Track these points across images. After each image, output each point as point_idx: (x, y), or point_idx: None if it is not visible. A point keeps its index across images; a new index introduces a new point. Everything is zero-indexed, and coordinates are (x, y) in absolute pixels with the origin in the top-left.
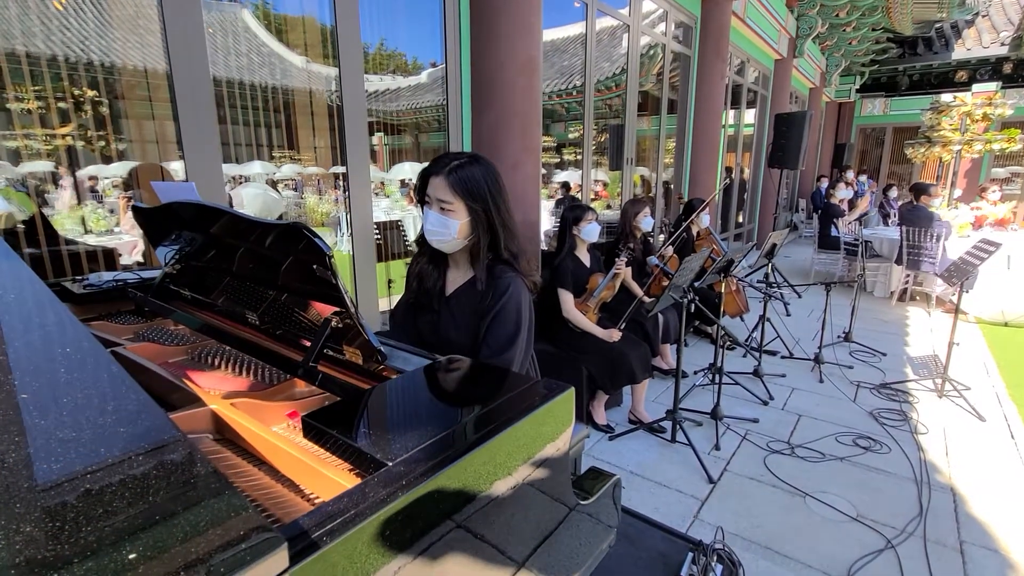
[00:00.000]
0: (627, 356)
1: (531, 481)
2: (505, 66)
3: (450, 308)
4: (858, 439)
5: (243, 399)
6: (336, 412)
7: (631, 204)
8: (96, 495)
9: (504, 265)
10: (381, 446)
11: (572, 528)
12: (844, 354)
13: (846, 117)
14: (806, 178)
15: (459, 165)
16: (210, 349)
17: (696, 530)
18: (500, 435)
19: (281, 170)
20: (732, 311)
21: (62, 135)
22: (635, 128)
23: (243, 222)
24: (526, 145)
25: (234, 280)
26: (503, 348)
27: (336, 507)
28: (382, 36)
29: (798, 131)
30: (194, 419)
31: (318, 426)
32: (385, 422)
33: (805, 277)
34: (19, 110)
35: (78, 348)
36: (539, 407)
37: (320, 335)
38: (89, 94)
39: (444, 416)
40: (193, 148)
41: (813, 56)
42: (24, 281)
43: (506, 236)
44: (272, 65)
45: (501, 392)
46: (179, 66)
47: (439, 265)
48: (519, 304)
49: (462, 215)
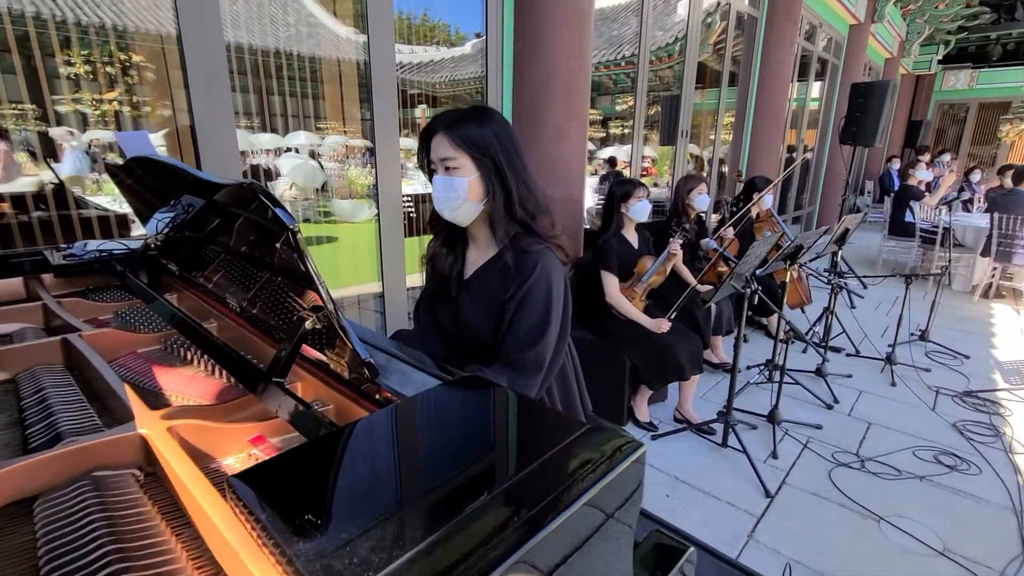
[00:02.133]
0: (676, 349)
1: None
2: (551, 18)
3: (470, 292)
4: (940, 455)
5: (190, 421)
6: (280, 474)
7: (685, 180)
8: None
9: (528, 235)
10: (329, 558)
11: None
12: (920, 355)
13: (924, 91)
14: (873, 159)
15: (458, 118)
16: (184, 341)
17: (751, 554)
18: (529, 545)
19: (325, 141)
20: (794, 302)
21: (108, 100)
22: (692, 100)
23: (197, 182)
24: (571, 111)
25: (221, 255)
26: (530, 342)
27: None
28: (425, 7)
29: (878, 103)
30: (119, 447)
31: (244, 501)
32: (351, 504)
33: (870, 266)
34: (70, 74)
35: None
36: (603, 479)
37: (291, 337)
38: (135, 59)
39: (445, 497)
40: (204, 114)
41: (893, 22)
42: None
43: (521, 191)
44: (318, 36)
45: (539, 450)
46: (188, 26)
47: (455, 245)
48: (549, 284)
49: (469, 170)
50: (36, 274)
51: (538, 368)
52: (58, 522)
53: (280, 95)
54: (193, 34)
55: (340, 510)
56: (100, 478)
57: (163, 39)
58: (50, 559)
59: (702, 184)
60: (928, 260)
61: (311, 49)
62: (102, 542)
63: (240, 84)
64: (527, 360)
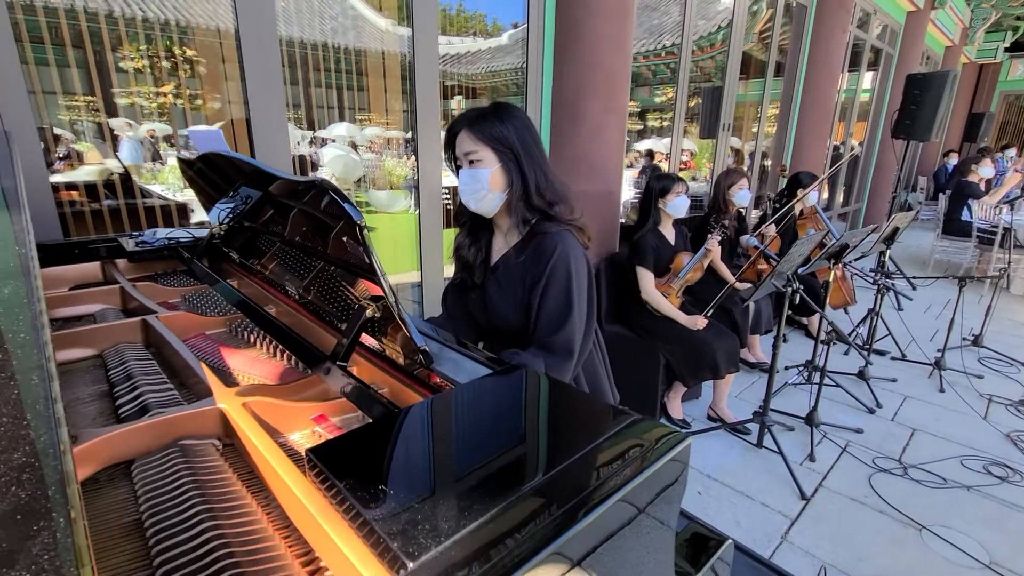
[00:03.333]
0: (712, 347)
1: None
2: (593, 12)
3: (496, 279)
4: (990, 466)
5: (261, 398)
6: (352, 446)
7: (725, 175)
8: None
9: (548, 220)
10: (404, 527)
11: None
12: (972, 361)
13: (987, 82)
14: (927, 153)
15: (480, 115)
16: (249, 323)
17: (784, 554)
18: (582, 524)
19: (364, 133)
20: (837, 302)
21: (165, 93)
22: (735, 92)
23: (270, 178)
24: (610, 105)
25: (278, 245)
26: (558, 323)
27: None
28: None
29: (935, 95)
30: (201, 420)
31: (323, 469)
32: (415, 478)
33: (921, 266)
34: (131, 69)
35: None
36: (650, 467)
37: (353, 326)
38: (189, 53)
39: (501, 475)
40: (259, 108)
41: (956, 7)
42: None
43: (538, 179)
44: (359, 28)
45: (584, 440)
46: (246, 22)
47: (480, 235)
48: (568, 266)
49: (491, 161)
50: (111, 259)
51: (568, 352)
52: (155, 482)
53: (319, 87)
54: (250, 29)
55: (408, 482)
56: (186, 446)
57: (219, 34)
58: (152, 513)
59: (743, 179)
60: (985, 262)
61: (351, 41)
62: (193, 500)
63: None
64: (556, 343)
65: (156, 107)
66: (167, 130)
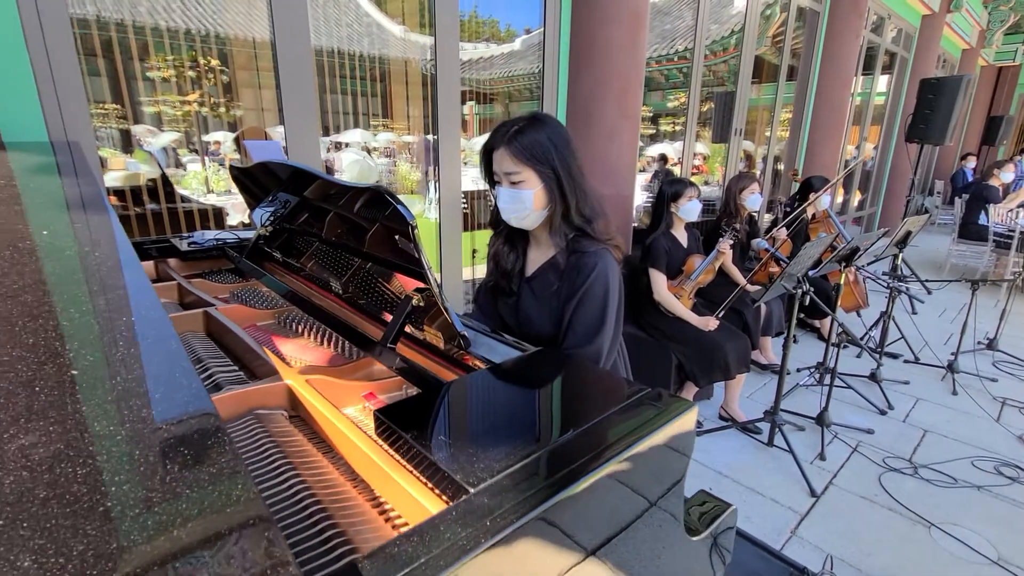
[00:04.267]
0: (723, 348)
1: (638, 520)
2: (610, 20)
3: (531, 289)
4: (1002, 467)
5: (319, 376)
6: (412, 408)
7: (736, 179)
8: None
9: (585, 238)
10: (462, 463)
11: (680, 567)
12: (986, 364)
13: (1006, 84)
14: (944, 157)
15: (519, 130)
16: (295, 315)
17: (793, 548)
18: (607, 465)
19: (377, 138)
20: (848, 305)
21: (190, 102)
22: (748, 96)
23: (327, 185)
24: (624, 111)
25: (321, 245)
26: (590, 336)
27: (396, 550)
28: (475, 3)
29: (949, 99)
30: (270, 393)
31: (390, 424)
32: (467, 429)
33: (938, 270)
34: (158, 78)
35: (141, 319)
36: (660, 427)
37: (400, 313)
38: (213, 63)
39: (538, 428)
40: (293, 115)
41: (972, 10)
42: (107, 238)
43: (579, 198)
44: (372, 35)
45: (609, 403)
46: (282, 35)
47: (517, 244)
48: (607, 284)
49: (534, 183)
50: (163, 258)
51: (596, 362)
52: (241, 442)
53: (333, 93)
54: (286, 40)
55: (459, 433)
56: (260, 415)
57: (253, 44)
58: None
59: (754, 184)
60: (1002, 266)
61: (365, 48)
62: (275, 456)
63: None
64: (586, 354)
65: (182, 115)
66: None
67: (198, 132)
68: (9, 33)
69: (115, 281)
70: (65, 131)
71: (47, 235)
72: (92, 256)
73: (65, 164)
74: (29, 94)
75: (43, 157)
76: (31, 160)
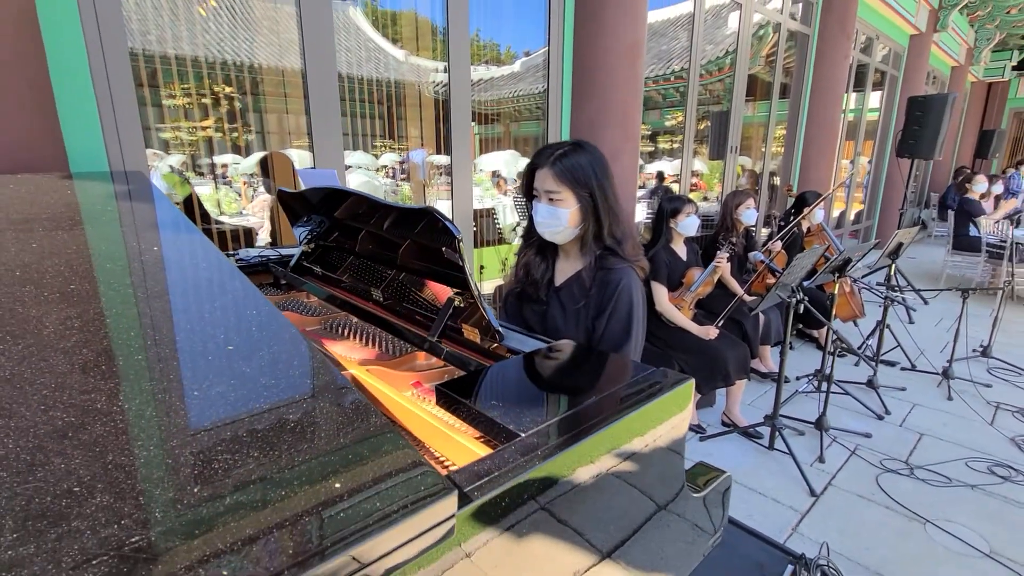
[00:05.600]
0: (724, 356)
1: (650, 466)
2: (609, 52)
3: (559, 299)
4: (995, 467)
5: (375, 366)
6: (466, 384)
7: (733, 195)
8: (292, 429)
9: (613, 256)
10: (512, 418)
11: (681, 522)
12: (980, 370)
13: (996, 99)
14: (940, 170)
15: (563, 154)
16: (340, 321)
17: (794, 544)
18: (626, 417)
19: (380, 159)
20: (844, 315)
21: (203, 127)
22: (742, 114)
23: (379, 206)
24: (626, 134)
25: (362, 259)
26: (617, 348)
27: (480, 468)
28: (477, 27)
29: (936, 116)
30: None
31: (452, 395)
32: (512, 397)
33: (934, 281)
34: (171, 105)
35: (262, 311)
36: (663, 393)
37: (444, 312)
38: (227, 90)
39: (568, 395)
40: (321, 138)
41: (959, 29)
42: (207, 252)
43: (612, 221)
44: (376, 60)
45: (624, 377)
46: (312, 65)
47: (547, 256)
48: (631, 298)
49: (571, 203)
50: None
51: None
52: None
53: (341, 116)
54: (316, 71)
55: (506, 399)
56: None
57: (282, 72)
58: None
59: (750, 199)
60: (997, 275)
61: (368, 72)
62: None
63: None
64: None
65: (195, 139)
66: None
67: (208, 154)
68: (77, 66)
69: (233, 284)
70: (124, 161)
71: (156, 250)
72: (201, 267)
73: (140, 191)
74: (93, 125)
75: (121, 186)
76: (112, 188)
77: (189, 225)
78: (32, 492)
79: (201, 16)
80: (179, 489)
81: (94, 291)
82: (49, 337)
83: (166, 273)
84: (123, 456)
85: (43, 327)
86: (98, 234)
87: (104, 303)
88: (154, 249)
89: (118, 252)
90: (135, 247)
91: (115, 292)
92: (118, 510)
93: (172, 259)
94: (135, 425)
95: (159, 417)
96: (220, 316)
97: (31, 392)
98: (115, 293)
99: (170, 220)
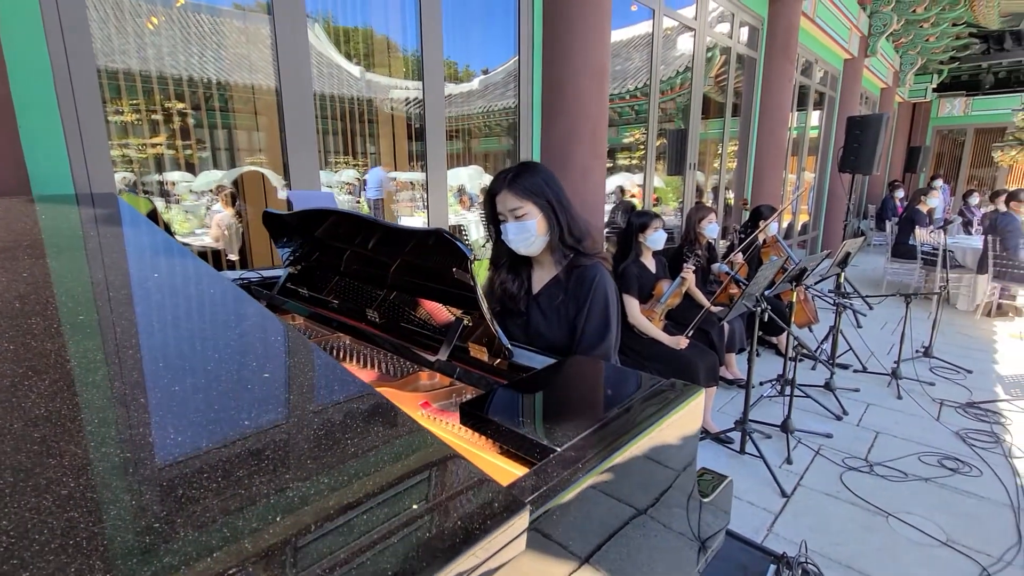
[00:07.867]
0: (695, 364)
1: (670, 474)
2: (579, 73)
3: (539, 305)
4: (944, 460)
5: (386, 388)
6: (488, 402)
7: (695, 210)
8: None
9: (580, 255)
10: (544, 434)
11: (690, 527)
12: (924, 370)
13: (921, 118)
14: (874, 183)
15: (516, 174)
16: (333, 343)
17: (771, 543)
18: (654, 425)
19: (340, 175)
20: (801, 322)
21: (152, 144)
22: (699, 132)
23: (383, 229)
24: (595, 151)
25: (357, 281)
26: (601, 336)
27: (527, 483)
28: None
29: (873, 135)
30: None
31: (478, 414)
32: (537, 413)
33: (875, 287)
34: (118, 122)
35: (286, 335)
36: (681, 402)
37: (454, 331)
38: (178, 106)
39: (591, 409)
40: (296, 156)
41: (886, 55)
42: (213, 279)
43: (569, 221)
44: (331, 76)
45: (639, 390)
46: (287, 83)
47: (521, 271)
48: (605, 292)
49: (535, 213)
50: None
51: (607, 358)
52: None
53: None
54: (290, 89)
55: (532, 415)
56: None
57: (253, 89)
58: None
59: (711, 214)
60: (931, 281)
61: (323, 88)
62: None
63: (254, 122)
64: (598, 353)
65: (149, 156)
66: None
67: (157, 171)
68: (42, 87)
69: (245, 309)
70: (90, 183)
71: (157, 277)
72: (208, 291)
73: (110, 215)
74: (58, 146)
75: (98, 209)
76: (92, 212)
77: (183, 250)
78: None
79: (150, 30)
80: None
81: (107, 320)
82: (74, 371)
83: (178, 299)
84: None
85: (65, 360)
86: (94, 261)
87: (119, 333)
88: (155, 275)
89: (120, 280)
90: (138, 275)
91: (127, 322)
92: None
93: (178, 286)
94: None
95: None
96: (249, 342)
97: (74, 430)
98: (127, 323)
99: (162, 244)
